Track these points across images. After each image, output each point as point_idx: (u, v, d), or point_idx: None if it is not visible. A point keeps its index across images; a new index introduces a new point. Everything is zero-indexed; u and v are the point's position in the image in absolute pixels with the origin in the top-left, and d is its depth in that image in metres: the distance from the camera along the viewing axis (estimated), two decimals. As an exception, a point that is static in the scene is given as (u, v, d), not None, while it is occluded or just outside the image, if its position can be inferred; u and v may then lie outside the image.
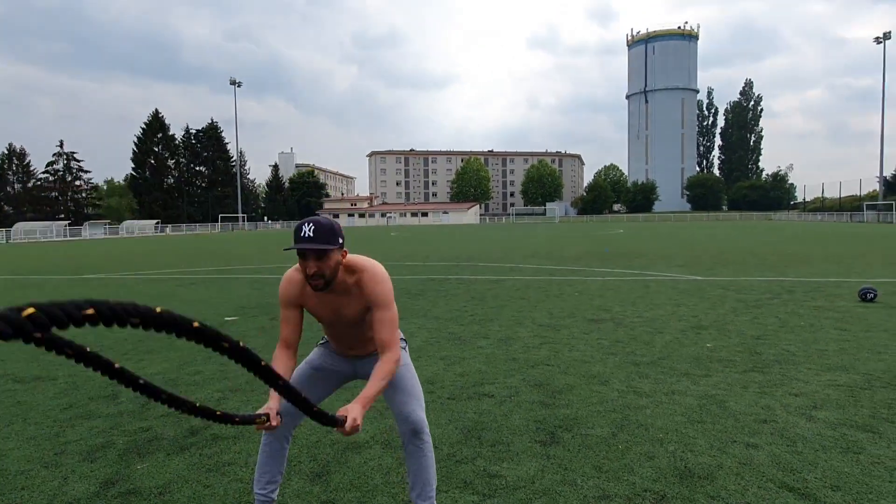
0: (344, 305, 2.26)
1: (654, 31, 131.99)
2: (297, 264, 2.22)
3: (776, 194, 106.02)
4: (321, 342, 2.61)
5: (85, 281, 13.25)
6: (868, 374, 4.60)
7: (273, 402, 2.06)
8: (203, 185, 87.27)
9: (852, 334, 6.08)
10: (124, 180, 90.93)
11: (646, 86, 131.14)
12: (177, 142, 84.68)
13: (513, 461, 3.10)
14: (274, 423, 2.01)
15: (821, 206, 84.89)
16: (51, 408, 4.16)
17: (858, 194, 79.73)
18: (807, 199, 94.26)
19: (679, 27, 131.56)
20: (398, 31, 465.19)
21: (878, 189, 70.98)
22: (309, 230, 2.05)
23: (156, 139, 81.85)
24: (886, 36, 65.64)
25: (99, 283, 12.81)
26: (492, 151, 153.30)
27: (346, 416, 1.90)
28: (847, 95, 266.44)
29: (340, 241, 2.12)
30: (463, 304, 8.44)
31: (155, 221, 66.46)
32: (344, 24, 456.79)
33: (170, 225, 68.34)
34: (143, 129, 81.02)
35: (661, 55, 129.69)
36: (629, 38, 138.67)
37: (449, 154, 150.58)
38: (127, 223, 62.29)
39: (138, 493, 2.83)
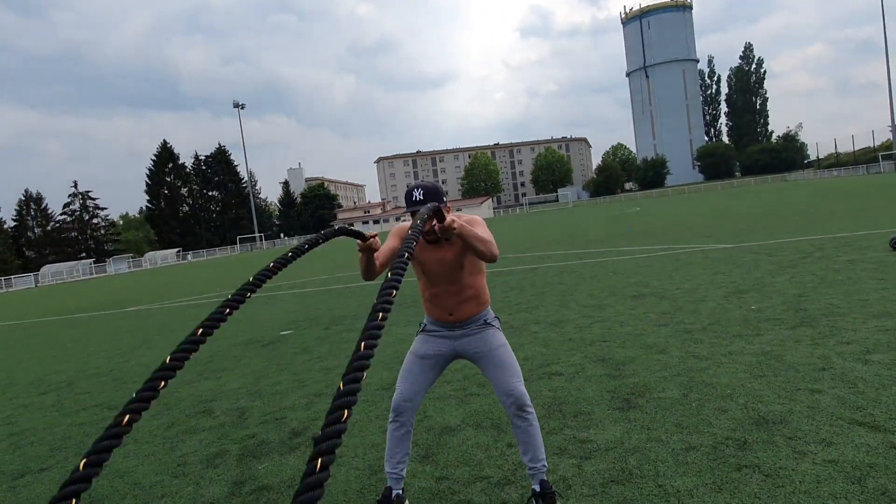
0: (446, 252, 2.57)
1: (648, 6, 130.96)
2: (403, 223, 2.67)
3: (788, 155, 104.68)
4: (420, 331, 2.84)
5: (137, 313, 13.73)
6: (914, 318, 4.80)
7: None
8: (217, 209, 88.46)
9: (891, 282, 6.27)
10: (139, 213, 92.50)
11: (645, 61, 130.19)
12: (188, 169, 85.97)
13: (598, 427, 3.38)
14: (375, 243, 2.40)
15: (836, 161, 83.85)
16: (154, 427, 4.51)
17: (873, 146, 78.72)
18: (821, 157, 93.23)
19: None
20: (391, 37, 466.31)
21: (891, 138, 69.91)
22: (419, 194, 2.44)
23: (167, 169, 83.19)
24: (885, -18, 64.66)
25: (146, 313, 13.28)
26: (498, 144, 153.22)
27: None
28: (849, 48, 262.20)
29: (444, 199, 2.47)
30: (503, 294, 8.74)
31: (176, 250, 67.63)
32: (337, 35, 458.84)
33: (190, 252, 69.43)
34: (153, 160, 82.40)
35: (656, 29, 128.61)
36: (623, 15, 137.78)
37: (456, 151, 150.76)
38: (150, 254, 63.46)
39: (269, 488, 3.15)
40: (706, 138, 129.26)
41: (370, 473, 3.17)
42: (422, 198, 2.43)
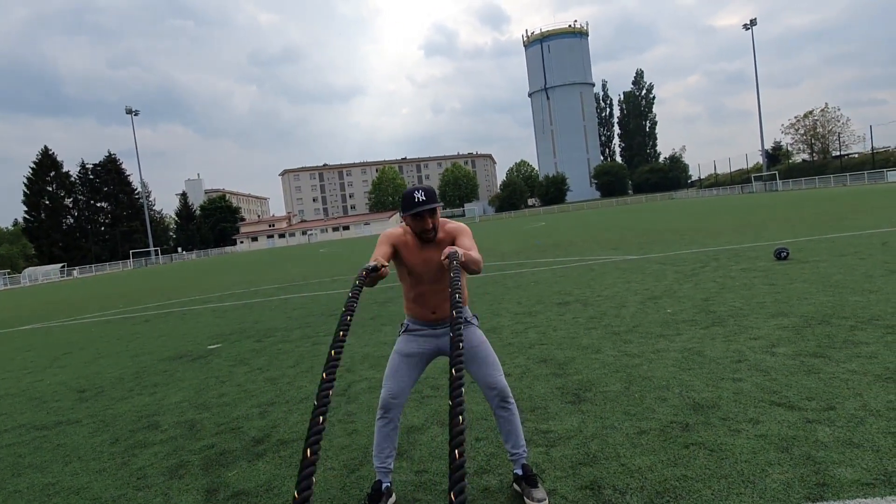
0: (433, 253, 2.75)
1: (548, 31, 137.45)
2: (391, 230, 2.82)
3: (674, 175, 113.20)
4: (402, 331, 2.99)
5: (32, 331, 12.65)
6: (804, 316, 5.53)
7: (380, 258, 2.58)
8: (107, 221, 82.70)
9: (780, 287, 7.12)
10: (13, 225, 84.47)
11: (545, 83, 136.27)
12: (72, 179, 79.79)
13: (556, 419, 3.68)
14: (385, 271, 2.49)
15: (715, 181, 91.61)
16: (96, 444, 4.32)
17: (746, 168, 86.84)
18: (702, 177, 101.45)
19: (570, 25, 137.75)
20: (295, 47, 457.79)
21: (761, 162, 77.55)
22: (421, 195, 2.61)
23: (48, 178, 76.83)
24: (753, 22, 72.01)
25: (45, 331, 12.29)
26: (405, 159, 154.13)
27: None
28: (722, 79, 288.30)
29: (440, 201, 2.69)
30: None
31: (60, 265, 62.32)
32: (237, 43, 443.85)
33: (77, 267, 64.26)
34: (32, 168, 75.93)
35: (556, 53, 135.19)
36: (525, 38, 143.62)
37: (363, 165, 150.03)
38: (29, 270, 58.07)
39: (246, 493, 3.17)
40: (602, 158, 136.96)
41: (348, 472, 3.27)
42: (424, 199, 2.59)
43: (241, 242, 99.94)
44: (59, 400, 5.84)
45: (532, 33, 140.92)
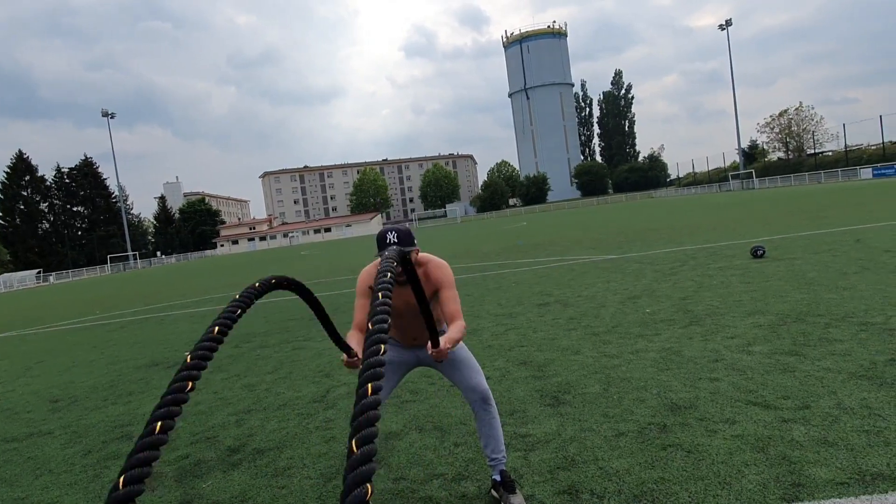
0: (413, 294, 2.69)
1: (527, 32, 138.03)
2: (373, 263, 2.73)
3: (654, 174, 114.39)
4: None
5: (6, 340, 12.37)
6: (779, 314, 5.59)
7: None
8: (84, 226, 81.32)
9: (756, 285, 7.20)
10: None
11: (525, 83, 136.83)
12: (48, 183, 78.36)
13: (534, 423, 3.66)
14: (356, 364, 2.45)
15: (693, 180, 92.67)
16: (69, 456, 4.21)
17: (723, 166, 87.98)
18: (681, 176, 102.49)
19: (549, 26, 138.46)
20: (274, 49, 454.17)
21: (738, 160, 78.63)
22: (393, 237, 2.53)
23: (23, 182, 75.34)
24: (728, 23, 72.99)
25: (19, 339, 12.02)
26: (386, 160, 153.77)
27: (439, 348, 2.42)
28: (698, 79, 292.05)
29: (416, 242, 2.58)
30: (415, 307, 8.94)
31: (36, 271, 61.11)
32: (216, 45, 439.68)
33: (53, 273, 63.08)
34: (6, 172, 74.37)
35: (535, 53, 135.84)
36: (504, 39, 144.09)
37: (344, 167, 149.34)
38: (3, 277, 56.84)
39: (220, 504, 3.11)
40: (582, 157, 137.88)
41: (325, 481, 3.22)
42: (396, 241, 2.51)
43: (222, 246, 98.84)
44: (32, 411, 5.70)
45: (511, 34, 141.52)
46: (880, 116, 57.25)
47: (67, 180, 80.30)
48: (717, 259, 10.01)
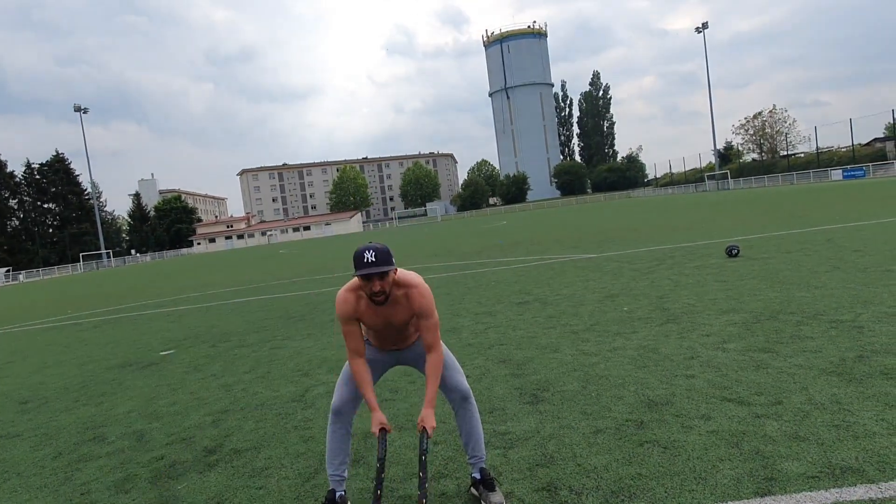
0: (393, 315, 2.68)
1: (508, 31, 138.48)
2: (347, 285, 2.69)
3: (632, 174, 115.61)
4: (364, 339, 2.95)
5: (-37, 341, 12.04)
6: (753, 312, 5.69)
7: (377, 414, 2.71)
8: (55, 223, 79.65)
9: (731, 284, 7.31)
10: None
11: (506, 83, 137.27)
12: (17, 179, 76.54)
13: (514, 420, 3.68)
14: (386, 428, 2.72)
15: (670, 180, 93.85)
16: (38, 458, 4.12)
17: (700, 167, 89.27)
18: (658, 176, 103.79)
19: (529, 26, 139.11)
20: (252, 46, 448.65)
21: (713, 161, 79.83)
22: (371, 256, 2.47)
23: (-9, 179, 73.46)
24: (705, 26, 74.00)
25: (-18, 341, 11.73)
26: (366, 158, 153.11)
27: (426, 427, 2.57)
28: (675, 80, 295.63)
29: (393, 261, 2.56)
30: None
31: (5, 269, 59.70)
32: (193, 41, 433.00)
33: (23, 271, 61.68)
34: (-27, 168, 72.38)
35: (516, 53, 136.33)
36: (485, 38, 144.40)
37: (324, 165, 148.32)
38: (-30, 276, 55.48)
39: (195, 505, 3.07)
40: (561, 157, 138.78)
41: (303, 481, 3.20)
42: (374, 260, 2.46)
43: (199, 244, 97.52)
44: (3, 412, 5.57)
45: (492, 34, 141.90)
46: (850, 120, 58.63)
47: (38, 176, 78.56)
48: (693, 258, 10.15)
